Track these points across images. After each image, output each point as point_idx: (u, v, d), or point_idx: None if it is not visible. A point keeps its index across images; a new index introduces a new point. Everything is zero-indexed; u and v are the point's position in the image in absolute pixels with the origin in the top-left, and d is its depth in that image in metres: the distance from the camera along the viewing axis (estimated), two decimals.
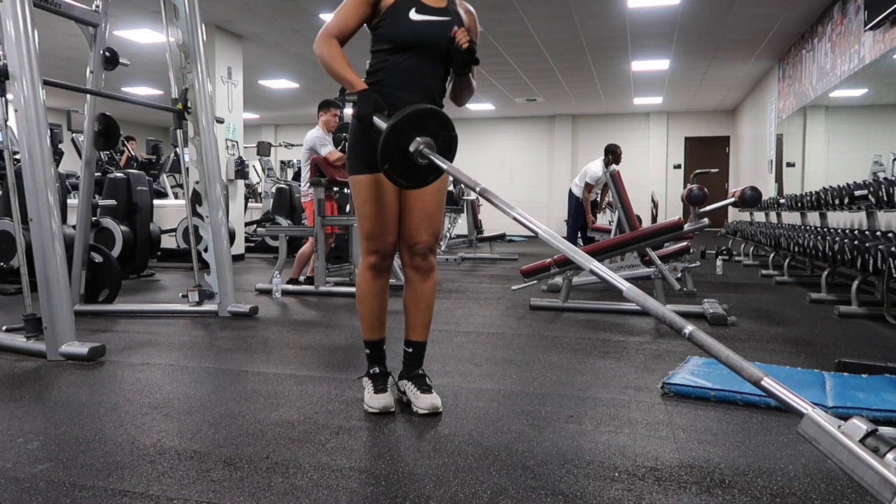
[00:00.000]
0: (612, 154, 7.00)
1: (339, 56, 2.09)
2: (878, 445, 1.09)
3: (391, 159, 1.89)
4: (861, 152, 6.44)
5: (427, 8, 2.10)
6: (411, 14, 2.08)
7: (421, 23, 2.08)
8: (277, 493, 1.58)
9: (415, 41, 2.09)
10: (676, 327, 1.38)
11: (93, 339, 3.11)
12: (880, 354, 3.12)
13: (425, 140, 1.89)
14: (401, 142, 1.88)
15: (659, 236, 4.42)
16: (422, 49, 2.11)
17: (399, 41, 2.09)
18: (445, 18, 2.13)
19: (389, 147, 1.88)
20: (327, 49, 2.09)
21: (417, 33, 2.09)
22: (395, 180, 1.94)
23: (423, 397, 2.17)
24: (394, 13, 2.08)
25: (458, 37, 2.08)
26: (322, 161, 5.16)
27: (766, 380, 1.22)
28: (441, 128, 1.95)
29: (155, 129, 14.86)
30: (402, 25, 2.08)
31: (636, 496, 1.58)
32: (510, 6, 7.07)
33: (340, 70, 2.07)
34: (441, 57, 2.14)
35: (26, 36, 2.99)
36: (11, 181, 3.08)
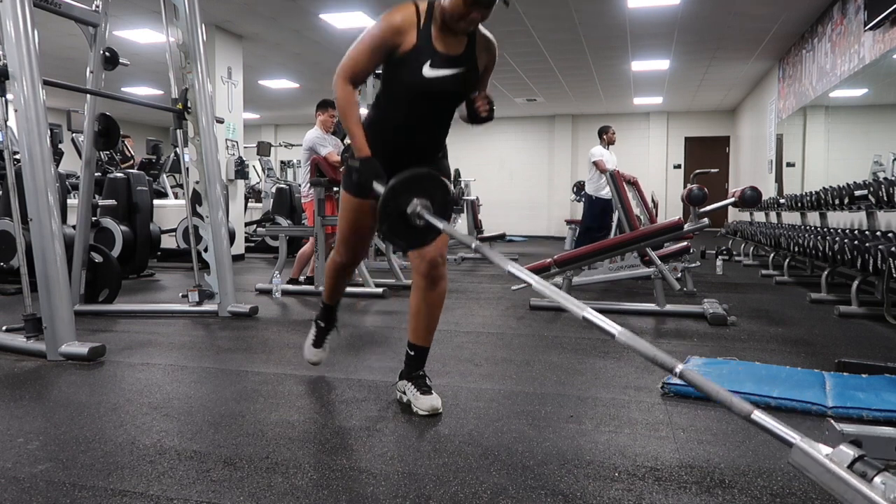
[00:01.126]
0: (605, 134, 7.19)
1: (351, 111, 2.10)
2: (865, 470, 1.13)
3: (389, 220, 1.92)
4: (861, 152, 6.44)
5: (443, 59, 2.07)
6: (425, 70, 2.05)
7: (433, 79, 2.06)
8: (277, 493, 1.58)
9: (422, 96, 2.10)
10: (668, 367, 1.43)
11: (93, 339, 3.11)
12: (880, 354, 3.12)
13: (422, 202, 1.92)
14: (398, 204, 1.91)
15: (659, 236, 4.41)
16: (428, 102, 2.12)
17: (411, 94, 2.10)
18: (460, 70, 2.10)
19: (388, 209, 1.90)
20: (343, 96, 2.09)
21: (427, 89, 2.08)
22: (393, 241, 1.99)
23: (423, 398, 2.17)
24: (408, 62, 2.05)
25: (478, 105, 2.13)
26: (322, 161, 5.16)
27: (755, 413, 1.26)
28: (437, 190, 1.97)
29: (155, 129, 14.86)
30: (413, 80, 2.06)
31: (636, 496, 1.58)
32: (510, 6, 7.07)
33: (351, 126, 2.09)
34: (448, 104, 2.16)
35: (26, 36, 2.99)
36: (11, 181, 3.08)
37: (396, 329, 3.69)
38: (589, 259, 4.39)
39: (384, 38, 2.04)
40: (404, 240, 1.99)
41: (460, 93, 2.15)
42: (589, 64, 9.93)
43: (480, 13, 2.02)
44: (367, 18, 7.55)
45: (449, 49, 2.09)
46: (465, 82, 2.13)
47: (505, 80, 11.23)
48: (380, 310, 4.43)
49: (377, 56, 2.07)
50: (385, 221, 1.92)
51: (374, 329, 3.83)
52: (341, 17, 7.57)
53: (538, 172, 15.54)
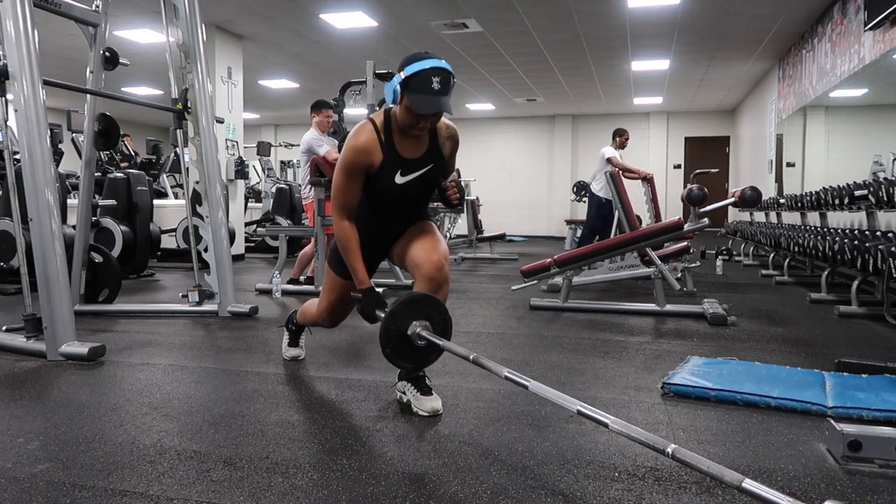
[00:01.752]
0: (620, 137, 7.22)
1: (351, 246, 2.20)
2: None
3: (392, 344, 2.02)
4: (861, 152, 6.44)
5: (410, 165, 2.20)
6: (397, 178, 2.19)
7: (405, 184, 2.21)
8: (277, 493, 1.58)
9: (402, 198, 2.25)
10: (660, 448, 1.43)
11: (93, 339, 3.11)
12: (880, 354, 3.12)
13: (422, 323, 2.03)
14: (399, 327, 2.02)
15: (659, 236, 4.41)
16: (407, 198, 2.27)
17: (388, 198, 2.24)
18: (428, 168, 2.23)
19: (389, 332, 2.02)
20: (342, 234, 2.21)
21: (404, 192, 2.23)
22: (397, 363, 2.08)
23: (423, 399, 2.18)
24: (381, 175, 2.18)
25: (449, 194, 2.29)
26: (322, 161, 5.16)
27: (745, 482, 1.27)
28: (435, 311, 2.08)
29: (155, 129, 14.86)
30: (388, 189, 2.20)
31: (636, 496, 1.58)
32: (510, 6, 7.07)
33: (351, 262, 2.21)
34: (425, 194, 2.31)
35: (26, 36, 2.99)
36: (11, 181, 3.08)
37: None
38: (589, 259, 4.39)
39: (357, 162, 2.16)
40: (408, 361, 2.08)
41: (433, 183, 2.29)
42: (589, 64, 9.93)
43: (427, 121, 2.11)
44: (368, 18, 7.56)
45: (414, 152, 2.21)
46: (435, 175, 2.27)
47: (505, 80, 11.23)
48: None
49: (358, 180, 2.18)
50: (388, 345, 2.03)
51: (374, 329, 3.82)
52: (341, 17, 7.57)
53: (538, 172, 15.54)
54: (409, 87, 2.03)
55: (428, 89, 2.02)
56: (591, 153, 14.64)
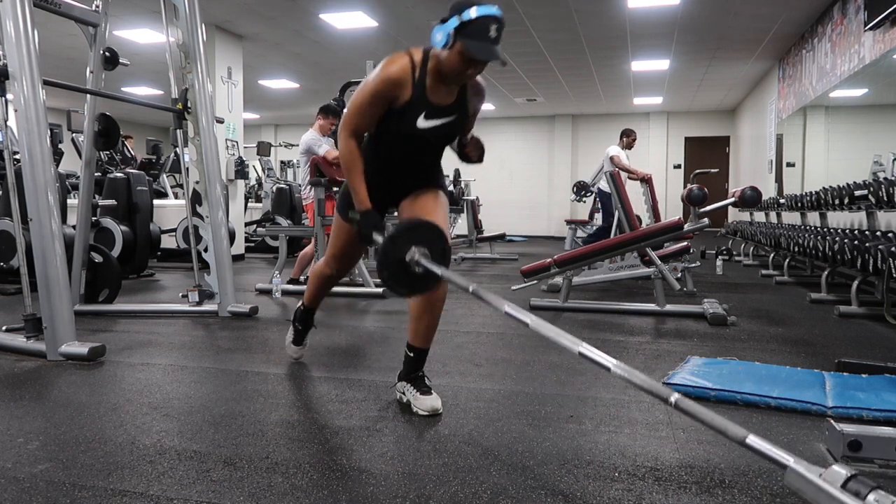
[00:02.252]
0: (627, 137, 7.24)
1: (355, 167, 2.15)
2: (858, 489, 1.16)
3: (390, 268, 1.98)
4: (861, 152, 6.44)
5: (436, 110, 2.13)
6: (419, 121, 2.13)
7: (427, 129, 2.15)
8: (277, 493, 1.58)
9: (417, 143, 2.19)
10: (663, 397, 1.44)
11: (93, 339, 3.11)
12: (880, 354, 3.12)
13: (421, 250, 1.99)
14: (398, 252, 1.98)
15: (659, 236, 4.41)
16: (423, 146, 2.21)
17: (404, 141, 2.18)
18: (452, 118, 2.18)
19: (387, 257, 1.97)
20: (347, 152, 2.15)
21: (422, 138, 2.17)
22: (394, 288, 2.04)
23: (423, 399, 2.18)
24: (404, 113, 2.11)
25: (469, 151, 2.28)
26: (322, 161, 5.16)
27: (749, 437, 1.29)
28: (435, 239, 2.04)
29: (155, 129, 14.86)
30: (409, 131, 2.14)
31: (636, 496, 1.58)
32: (510, 6, 7.07)
33: (353, 182, 2.16)
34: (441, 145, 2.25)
35: (26, 36, 2.98)
36: (11, 181, 3.08)
37: (396, 329, 3.69)
38: (589, 259, 4.39)
39: (383, 92, 2.09)
40: (405, 286, 2.05)
41: (451, 136, 2.24)
42: (589, 64, 9.93)
43: (476, 70, 2.07)
44: (368, 18, 7.56)
45: (442, 100, 2.15)
46: (456, 128, 2.22)
47: (505, 80, 11.23)
48: (380, 310, 4.43)
49: (378, 109, 2.13)
50: (385, 269, 1.99)
51: (374, 329, 3.83)
52: (341, 17, 7.57)
53: (538, 172, 15.54)
54: (466, 32, 1.96)
55: (485, 36, 1.97)
56: (591, 153, 14.65)
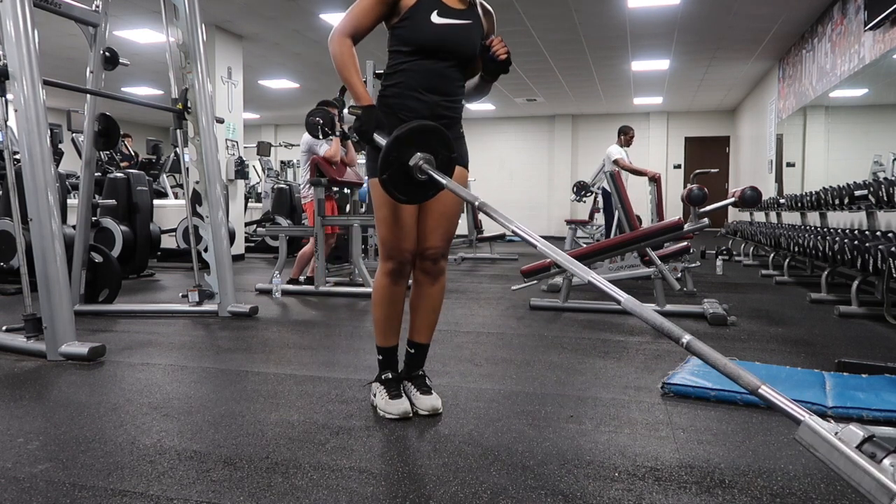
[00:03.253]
0: (625, 135, 7.25)
1: (351, 62, 2.03)
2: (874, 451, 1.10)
3: (390, 170, 1.87)
4: (861, 152, 6.44)
5: (449, 10, 2.04)
6: (433, 17, 2.02)
7: (443, 26, 2.03)
8: (277, 493, 1.58)
9: (437, 45, 2.04)
10: (674, 337, 1.40)
11: (93, 339, 3.11)
12: (880, 354, 3.12)
13: (425, 156, 1.88)
14: (401, 155, 1.87)
15: (659, 236, 4.41)
16: (442, 52, 2.05)
17: (420, 44, 2.04)
18: (468, 21, 2.08)
19: (390, 158, 1.86)
20: (340, 50, 2.04)
21: (440, 37, 2.03)
22: (392, 193, 1.91)
23: (423, 398, 2.17)
24: (415, 14, 2.02)
25: (495, 47, 2.07)
26: (321, 161, 5.16)
27: (763, 388, 1.23)
28: (442, 146, 1.92)
29: (155, 129, 14.86)
30: (424, 29, 2.02)
31: (636, 496, 1.58)
32: (510, 6, 7.07)
33: (350, 77, 2.03)
34: (459, 60, 2.10)
35: (26, 36, 2.99)
36: (11, 181, 3.08)
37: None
38: (589, 259, 4.39)
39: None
40: (404, 193, 1.92)
41: (471, 46, 2.09)
42: (589, 64, 9.93)
43: None
44: None
45: (453, 3, 2.07)
46: (473, 35, 2.09)
47: (505, 80, 11.23)
48: None
49: (379, 10, 2.03)
50: (386, 170, 1.87)
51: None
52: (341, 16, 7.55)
53: (538, 172, 15.54)
54: None
55: None
56: (591, 153, 14.64)
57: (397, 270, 2.16)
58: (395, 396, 2.16)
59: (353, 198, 5.89)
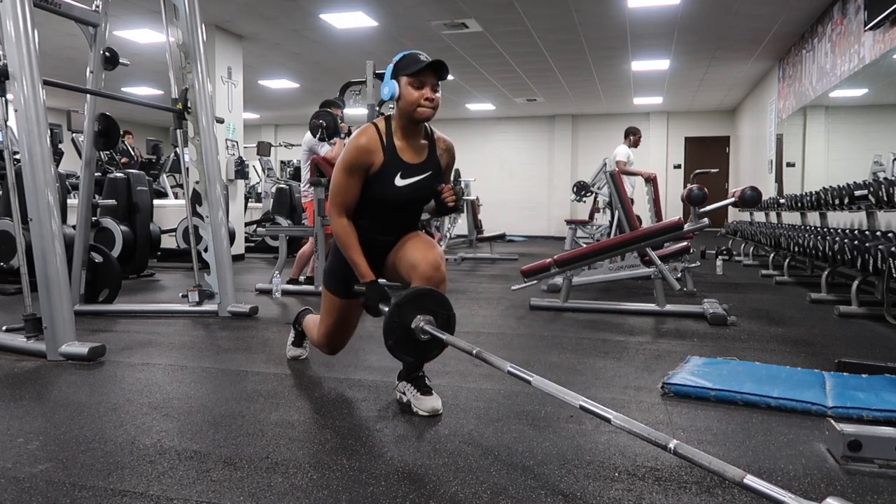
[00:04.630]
0: (633, 136, 7.29)
1: (351, 242, 2.21)
2: None
3: (395, 336, 2.03)
4: (861, 152, 6.44)
5: (410, 168, 2.22)
6: (397, 180, 2.20)
7: (405, 187, 2.22)
8: (277, 493, 1.58)
9: (396, 203, 2.24)
10: (661, 444, 1.42)
11: (93, 339, 3.11)
12: (880, 354, 3.12)
13: (426, 318, 2.04)
14: (403, 320, 2.03)
15: (659, 236, 4.41)
16: (404, 205, 2.27)
17: (385, 204, 2.24)
18: (427, 175, 2.26)
19: (393, 324, 2.02)
20: (341, 231, 2.22)
21: (403, 197, 2.23)
22: (399, 356, 2.09)
23: (423, 399, 2.18)
24: (381, 178, 2.19)
25: (445, 195, 2.27)
26: (322, 161, 5.16)
27: (748, 478, 1.27)
28: (439, 307, 2.09)
29: (155, 129, 14.86)
30: (389, 192, 2.21)
31: (636, 496, 1.58)
32: (510, 6, 7.07)
33: (352, 256, 2.22)
34: (421, 203, 2.32)
35: (26, 36, 2.99)
36: (11, 181, 3.08)
37: None
38: (589, 259, 4.39)
39: (358, 160, 2.18)
40: (410, 354, 2.09)
41: (428, 195, 2.30)
42: (589, 64, 9.93)
43: (432, 89, 2.14)
44: (368, 18, 7.56)
45: (414, 158, 2.24)
46: (433, 183, 2.28)
47: (505, 80, 11.23)
48: None
49: (358, 178, 2.20)
50: (391, 337, 2.03)
51: (374, 329, 3.83)
52: (341, 17, 7.57)
53: (538, 172, 15.54)
54: (402, 66, 2.16)
55: (419, 59, 2.14)
56: (591, 153, 14.63)
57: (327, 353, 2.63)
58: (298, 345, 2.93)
59: None
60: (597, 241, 8.02)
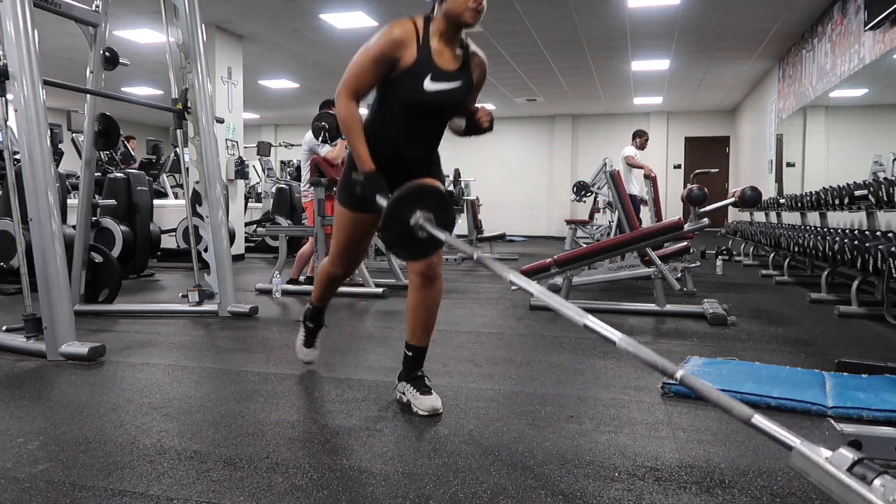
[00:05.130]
0: (640, 138, 7.68)
1: (355, 127, 2.11)
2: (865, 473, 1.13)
3: (393, 230, 1.95)
4: (861, 152, 6.44)
5: (442, 74, 2.10)
6: (426, 83, 2.07)
7: (435, 92, 2.09)
8: (277, 493, 1.58)
9: (424, 109, 2.12)
10: (669, 373, 1.42)
11: (93, 339, 3.11)
12: (880, 354, 3.12)
13: (425, 214, 1.96)
14: (402, 215, 1.95)
15: (659, 236, 4.41)
16: (429, 114, 2.15)
17: (411, 107, 2.11)
18: (458, 84, 2.14)
19: (391, 219, 1.93)
20: (347, 113, 2.11)
21: (430, 102, 2.11)
22: (396, 253, 2.01)
23: (423, 399, 2.18)
24: (409, 77, 2.07)
25: (481, 117, 2.20)
26: (322, 161, 5.16)
27: (755, 417, 1.26)
28: (440, 207, 2.01)
29: (155, 129, 14.86)
30: (416, 94, 2.08)
31: (636, 496, 1.58)
32: (510, 6, 7.07)
33: (354, 142, 2.11)
34: (445, 117, 2.20)
35: (26, 36, 2.99)
36: (11, 181, 3.08)
37: (396, 329, 3.69)
38: (589, 259, 4.39)
39: (386, 51, 2.05)
40: (407, 251, 2.03)
41: (457, 105, 2.19)
42: (589, 64, 9.93)
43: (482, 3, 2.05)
44: (368, 18, 7.56)
45: (447, 64, 2.13)
46: (462, 95, 2.17)
47: (505, 80, 11.23)
48: (379, 310, 4.43)
49: (380, 69, 2.08)
50: (389, 231, 1.95)
51: (374, 329, 3.83)
52: (341, 17, 7.57)
53: (538, 172, 15.54)
54: None
55: None
56: (591, 153, 14.63)
57: (342, 276, 2.49)
58: (310, 345, 2.69)
59: None
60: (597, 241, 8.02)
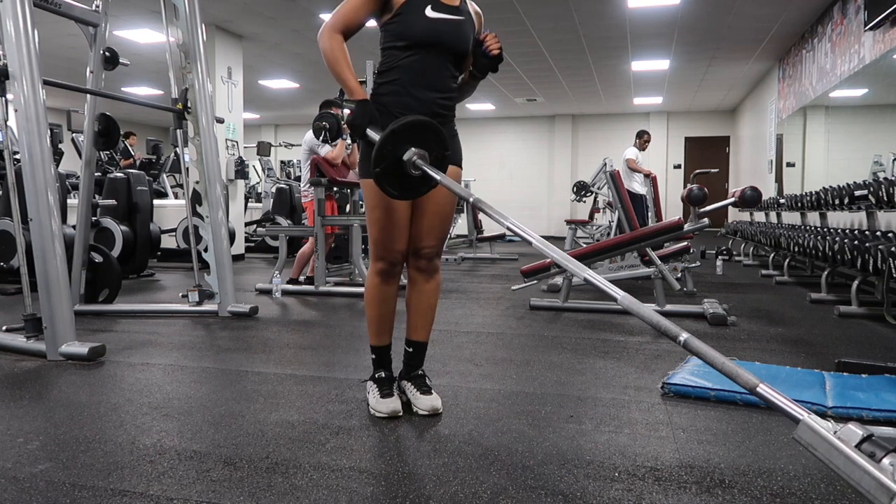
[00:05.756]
0: (640, 139, 7.83)
1: (342, 56, 2.03)
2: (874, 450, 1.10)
3: (384, 164, 1.84)
4: (861, 152, 6.44)
5: (442, 5, 2.04)
6: (427, 11, 2.02)
7: (437, 20, 2.03)
8: (277, 493, 1.58)
9: (432, 39, 2.03)
10: (671, 335, 1.39)
11: (93, 339, 3.11)
12: (880, 354, 3.12)
13: (420, 151, 1.86)
14: (396, 149, 1.84)
15: (659, 236, 4.41)
16: (437, 47, 2.05)
17: (414, 39, 2.03)
18: (460, 17, 2.08)
19: (384, 152, 1.83)
20: (331, 45, 2.04)
21: (435, 30, 2.03)
22: (384, 188, 1.89)
23: (423, 398, 2.17)
24: (408, 9, 2.01)
25: (488, 41, 2.08)
26: (322, 161, 5.16)
27: (761, 386, 1.22)
28: (436, 144, 1.91)
29: (155, 129, 14.86)
30: (418, 22, 2.01)
31: (636, 496, 1.58)
32: (510, 6, 7.07)
33: (342, 72, 2.03)
34: (454, 56, 2.10)
35: (26, 36, 2.99)
36: (11, 181, 3.08)
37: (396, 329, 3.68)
38: (589, 259, 4.39)
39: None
40: (397, 188, 1.90)
41: (465, 41, 2.09)
42: (589, 64, 9.93)
43: None
44: None
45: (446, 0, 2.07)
46: (466, 31, 2.09)
47: (505, 80, 11.23)
48: None
49: (371, 5, 2.02)
50: (380, 164, 1.84)
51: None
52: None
53: (538, 172, 15.54)
54: None
55: None
56: (591, 153, 14.64)
57: (388, 271, 2.17)
58: (387, 395, 2.17)
59: (353, 198, 5.89)
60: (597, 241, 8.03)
